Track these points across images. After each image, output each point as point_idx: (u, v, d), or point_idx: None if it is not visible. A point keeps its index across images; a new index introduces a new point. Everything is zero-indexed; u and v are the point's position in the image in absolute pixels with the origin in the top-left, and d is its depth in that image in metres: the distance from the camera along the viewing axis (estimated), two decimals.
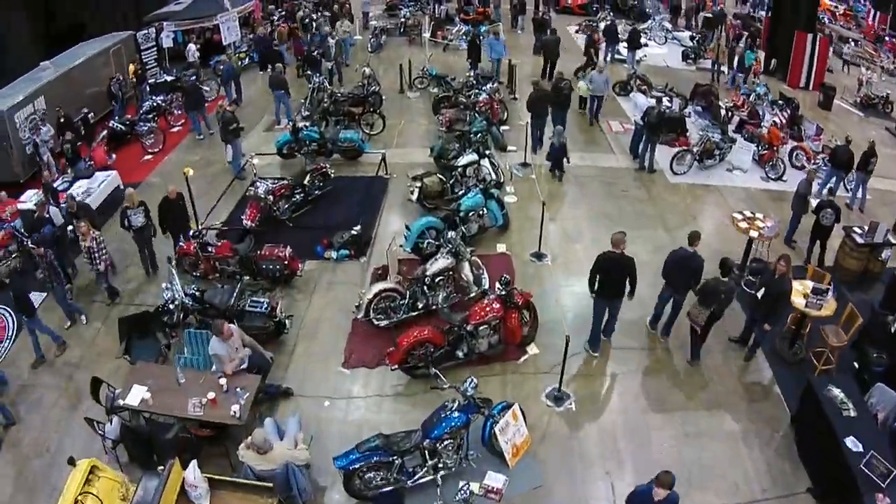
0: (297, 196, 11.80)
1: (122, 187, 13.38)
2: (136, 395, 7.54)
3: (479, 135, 13.25)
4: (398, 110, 16.73)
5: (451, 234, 9.59)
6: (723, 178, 13.96)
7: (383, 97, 16.25)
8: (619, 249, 8.30)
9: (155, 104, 16.60)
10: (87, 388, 7.84)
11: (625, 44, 21.66)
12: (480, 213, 10.98)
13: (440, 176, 11.81)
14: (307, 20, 22.40)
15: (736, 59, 19.67)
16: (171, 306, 8.81)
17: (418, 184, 11.52)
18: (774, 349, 9.06)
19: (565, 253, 11.16)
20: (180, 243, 10.29)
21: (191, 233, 10.20)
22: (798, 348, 9.00)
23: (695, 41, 23.38)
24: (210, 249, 9.95)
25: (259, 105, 17.68)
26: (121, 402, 7.42)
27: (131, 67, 18.34)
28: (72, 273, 10.74)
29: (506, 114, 15.26)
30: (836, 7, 30.29)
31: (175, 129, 16.64)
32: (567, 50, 21.76)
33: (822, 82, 19.72)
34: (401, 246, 10.36)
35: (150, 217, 10.57)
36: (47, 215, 10.42)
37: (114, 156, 14.89)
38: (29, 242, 10.39)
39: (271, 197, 11.28)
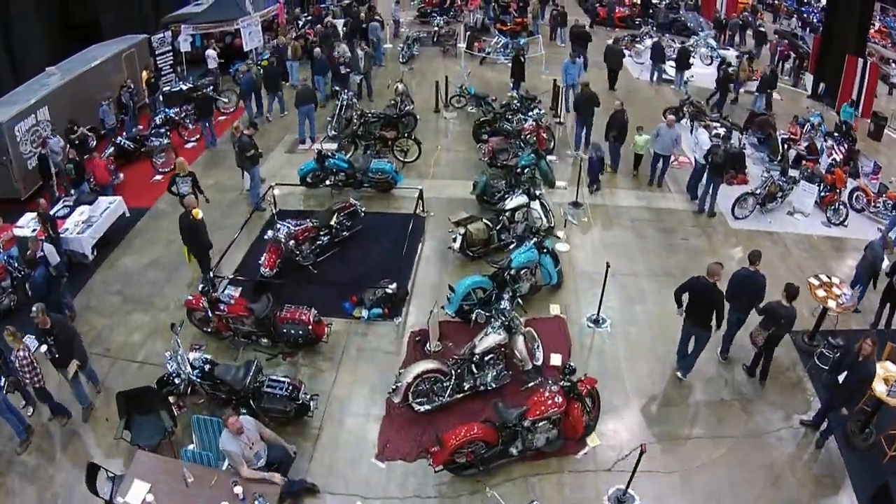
0: (323, 239, 10.44)
1: (127, 214, 12.14)
2: (138, 495, 6.29)
3: (527, 170, 11.84)
4: (433, 133, 15.29)
5: (504, 303, 8.19)
6: (784, 223, 12.54)
7: (417, 117, 14.85)
8: (713, 279, 8.03)
9: (167, 117, 15.30)
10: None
11: (671, 63, 20.22)
12: (533, 269, 9.57)
13: (486, 221, 10.38)
14: (328, 27, 21.02)
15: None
16: (177, 380, 7.50)
17: (461, 230, 10.11)
18: (845, 432, 8.11)
19: (626, 318, 9.72)
20: (188, 297, 8.97)
21: (200, 286, 8.83)
22: (869, 433, 8.05)
23: (741, 60, 21.79)
24: (222, 307, 8.60)
25: (280, 121, 16.35)
26: (120, 500, 6.17)
27: (144, 74, 17.06)
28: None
29: (552, 142, 13.79)
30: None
31: (189, 146, 15.35)
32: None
33: (871, 110, 18.23)
34: (443, 307, 8.98)
35: (197, 187, 11.21)
36: (41, 254, 9.09)
37: (121, 175, 13.65)
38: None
39: (293, 242, 9.91)
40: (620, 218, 12.14)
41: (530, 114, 13.52)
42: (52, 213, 11.41)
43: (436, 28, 22.50)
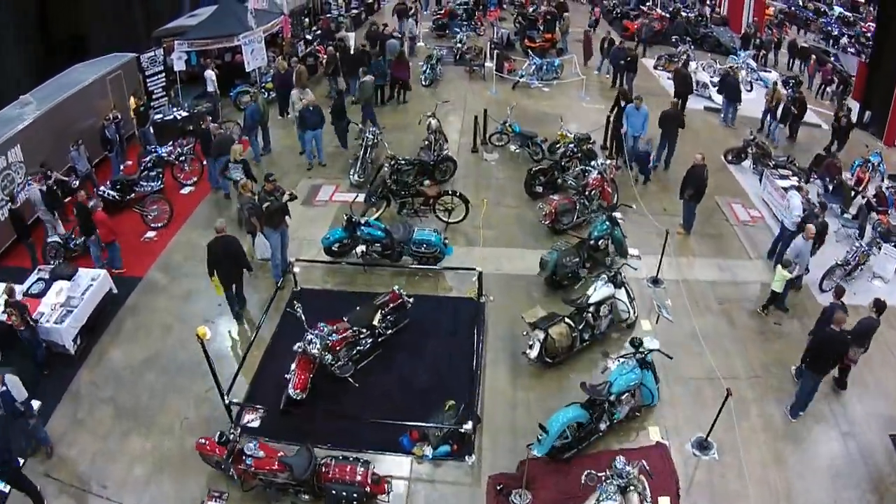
0: (364, 342, 8.36)
1: (114, 290, 9.95)
2: None
3: (601, 240, 9.88)
4: (474, 180, 13.07)
5: (622, 465, 6.20)
6: (867, 292, 10.54)
7: (456, 162, 12.76)
8: (839, 327, 7.76)
9: (159, 157, 13.03)
10: None
11: (712, 88, 18.32)
12: (633, 391, 7.63)
13: (568, 321, 8.36)
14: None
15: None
16: None
17: (540, 335, 8.10)
18: None
19: (732, 439, 7.82)
20: (200, 439, 6.89)
21: (217, 436, 6.69)
22: None
23: (790, 87, 19.96)
24: (248, 461, 6.52)
25: (289, 160, 14.09)
26: None
27: (132, 101, 14.78)
28: None
29: (616, 196, 11.81)
30: None
31: (186, 190, 13.11)
32: (655, 95, 18.35)
33: None
34: (530, 447, 7.01)
35: (249, 173, 11.12)
36: (2, 388, 6.88)
37: (116, 244, 11.29)
38: None
39: (329, 355, 7.82)
40: (706, 299, 10.20)
41: (594, 163, 11.50)
42: (25, 288, 9.27)
43: (458, 45, 20.33)
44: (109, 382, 8.62)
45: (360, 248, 9.82)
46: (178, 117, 15.32)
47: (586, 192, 10.97)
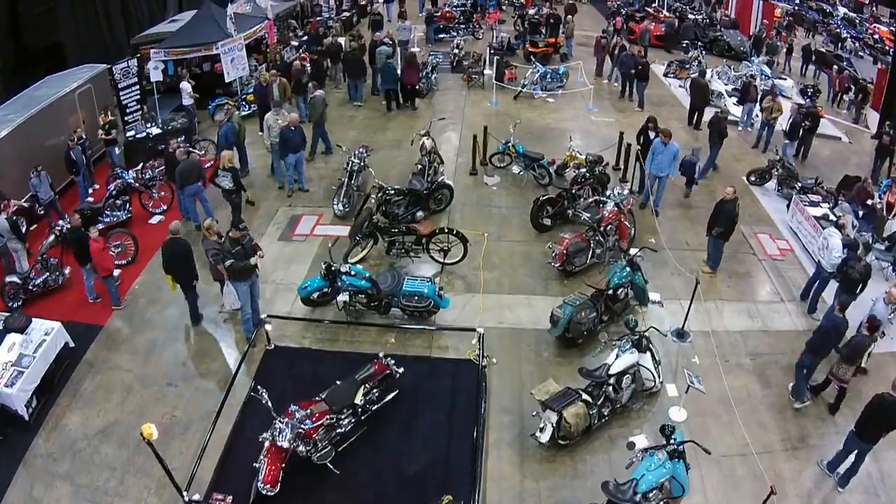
0: (345, 423, 7.08)
1: (71, 345, 8.68)
2: None
3: (620, 290, 8.62)
4: (474, 209, 11.71)
5: None
6: None
7: (453, 188, 11.44)
8: None
9: (125, 184, 11.71)
10: None
11: (731, 97, 17.02)
12: (663, 485, 6.38)
13: (586, 398, 7.09)
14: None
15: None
16: None
17: (552, 417, 6.84)
18: None
19: None
20: None
21: None
22: None
23: (808, 96, 18.63)
24: None
25: (267, 184, 12.71)
26: None
27: (102, 118, 13.47)
28: None
29: (633, 230, 10.52)
30: None
31: (156, 220, 11.80)
32: (666, 104, 17.09)
33: None
34: None
35: (238, 182, 10.69)
36: None
37: (66, 270, 10.02)
38: None
39: (303, 444, 6.54)
40: (737, 353, 8.93)
41: (610, 195, 10.19)
42: None
43: (454, 51, 18.97)
44: (66, 455, 7.42)
45: (343, 299, 8.54)
46: (151, 134, 13.99)
47: (601, 228, 9.69)
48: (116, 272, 9.73)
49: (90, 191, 12.59)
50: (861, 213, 12.31)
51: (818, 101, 18.51)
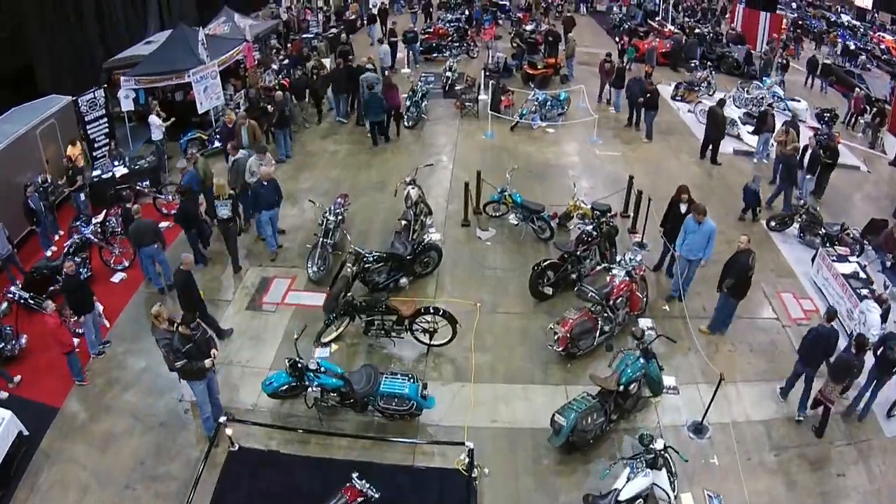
0: None
1: (25, 433, 7.54)
2: None
3: (633, 384, 7.45)
4: (465, 271, 10.34)
5: None
6: None
7: (441, 248, 10.21)
8: None
9: (84, 239, 10.51)
10: None
11: (747, 127, 15.79)
12: None
13: None
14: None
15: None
16: None
17: None
18: None
19: None
20: None
21: None
22: None
23: (824, 121, 17.33)
24: None
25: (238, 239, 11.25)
26: None
27: (72, 149, 12.29)
28: None
29: (646, 298, 9.33)
30: None
31: (117, 277, 10.58)
32: (675, 133, 15.91)
33: None
34: None
35: (237, 212, 10.25)
36: None
37: (23, 338, 8.82)
38: None
39: None
40: (760, 448, 7.73)
41: (621, 260, 8.97)
42: None
43: (446, 74, 17.74)
44: None
45: (314, 395, 7.38)
46: (117, 175, 12.74)
47: (611, 303, 8.50)
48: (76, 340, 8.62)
49: (55, 238, 11.44)
50: (889, 262, 11.22)
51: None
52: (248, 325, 9.24)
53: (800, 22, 30.00)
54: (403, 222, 9.91)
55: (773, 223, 12.21)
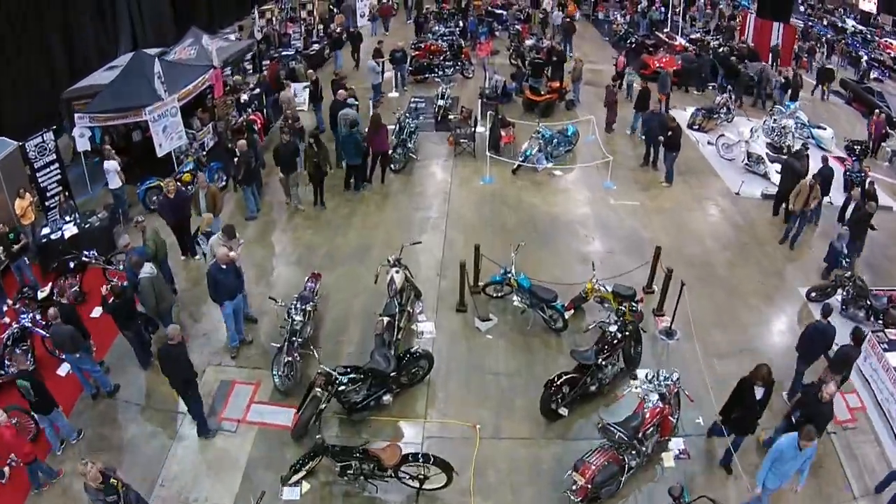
0: None
1: None
2: None
3: None
4: (462, 377, 8.45)
5: None
6: None
7: (433, 358, 8.27)
8: None
9: (23, 329, 8.67)
10: None
11: (775, 166, 13.85)
12: None
13: None
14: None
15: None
16: None
17: None
18: None
19: None
20: None
21: None
22: None
23: (854, 155, 15.41)
24: None
25: (194, 329, 9.37)
26: None
27: (20, 203, 10.61)
28: None
29: (678, 417, 7.61)
30: None
31: (64, 369, 8.64)
32: (696, 173, 14.15)
33: None
34: None
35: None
36: None
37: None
38: None
39: None
40: None
41: (653, 378, 7.22)
42: None
43: (439, 102, 15.81)
44: None
45: None
46: (66, 236, 10.86)
47: (640, 434, 6.80)
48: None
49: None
50: None
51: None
52: (202, 453, 7.45)
53: (810, 30, 27.91)
54: (386, 319, 8.13)
55: (813, 294, 10.51)
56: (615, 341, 7.92)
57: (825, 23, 32.69)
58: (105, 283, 9.87)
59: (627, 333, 8.08)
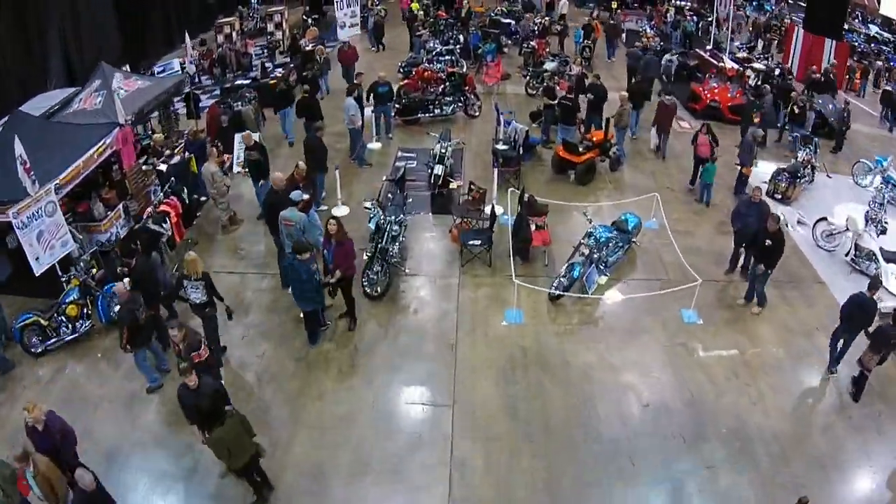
0: None
1: None
2: None
3: None
4: None
5: None
6: None
7: None
8: None
9: None
10: None
11: (886, 265, 9.40)
12: None
13: None
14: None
15: None
16: None
17: None
18: None
19: None
20: None
21: None
22: None
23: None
24: None
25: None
26: None
27: None
28: None
29: None
30: None
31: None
32: (792, 285, 9.71)
33: None
34: None
35: (214, 290, 7.09)
36: None
37: None
38: None
39: None
40: None
41: None
42: None
43: (436, 172, 10.69)
44: None
45: None
46: None
47: None
48: None
49: None
50: None
51: None
52: None
53: (859, 47, 22.95)
54: None
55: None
56: None
57: (861, 33, 27.74)
58: None
59: None
